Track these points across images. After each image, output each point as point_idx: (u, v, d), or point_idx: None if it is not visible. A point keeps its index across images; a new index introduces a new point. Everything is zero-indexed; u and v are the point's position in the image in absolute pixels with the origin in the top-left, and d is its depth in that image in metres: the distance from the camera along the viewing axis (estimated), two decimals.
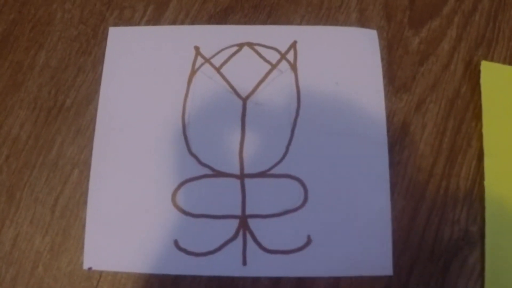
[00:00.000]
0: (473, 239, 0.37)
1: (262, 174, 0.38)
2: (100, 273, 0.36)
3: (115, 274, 0.36)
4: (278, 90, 0.40)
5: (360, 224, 0.36)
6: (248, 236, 0.36)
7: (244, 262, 0.36)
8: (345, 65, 0.40)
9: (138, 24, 0.42)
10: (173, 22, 0.42)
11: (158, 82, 0.40)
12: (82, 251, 0.36)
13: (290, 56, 0.41)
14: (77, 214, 0.37)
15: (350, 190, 0.37)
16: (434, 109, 0.40)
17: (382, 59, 0.41)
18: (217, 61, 0.41)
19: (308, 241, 0.36)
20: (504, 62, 0.41)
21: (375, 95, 0.40)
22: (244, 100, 0.39)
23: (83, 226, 0.37)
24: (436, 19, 0.43)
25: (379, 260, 0.36)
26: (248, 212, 0.37)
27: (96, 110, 0.40)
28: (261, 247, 0.36)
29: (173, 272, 0.36)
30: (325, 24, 0.42)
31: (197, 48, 0.41)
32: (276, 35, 0.41)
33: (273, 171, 0.38)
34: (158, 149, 0.38)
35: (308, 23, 0.42)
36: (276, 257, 0.36)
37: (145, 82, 0.40)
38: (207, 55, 0.41)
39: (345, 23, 0.42)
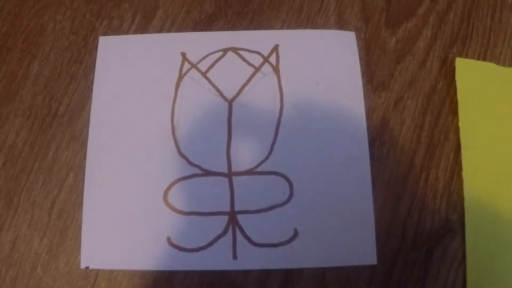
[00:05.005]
0: (453, 227, 0.37)
1: (249, 172, 0.39)
2: (97, 271, 0.37)
3: (111, 272, 0.37)
4: (262, 91, 0.41)
5: (344, 216, 0.37)
6: (238, 231, 0.37)
7: (235, 256, 0.37)
8: (325, 66, 0.42)
9: (126, 32, 0.43)
10: (160, 30, 0.43)
11: (147, 87, 0.41)
12: (79, 251, 0.37)
13: (272, 59, 0.42)
14: (74, 216, 0.38)
15: (333, 184, 0.38)
16: (411, 105, 0.41)
17: (361, 59, 0.42)
18: (203, 66, 0.42)
19: (295, 234, 0.37)
20: (478, 58, 0.42)
21: (354, 93, 0.41)
22: (230, 102, 0.41)
23: (80, 227, 0.37)
24: (412, 19, 0.44)
25: (364, 250, 0.37)
26: (236, 208, 0.38)
27: (88, 116, 0.40)
28: (250, 241, 0.37)
29: (166, 268, 0.36)
30: (305, 27, 0.43)
31: (183, 54, 0.42)
32: (258, 39, 0.43)
33: (259, 169, 0.39)
34: (149, 151, 0.39)
35: (289, 27, 0.43)
36: (264, 250, 0.37)
37: (135, 88, 0.41)
38: (194, 61, 0.42)
39: (324, 26, 0.43)
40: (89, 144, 0.40)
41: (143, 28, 0.44)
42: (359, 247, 0.37)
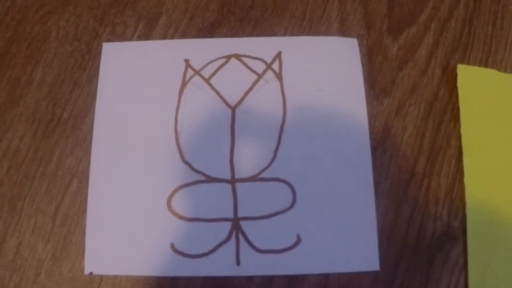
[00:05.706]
0: (455, 233, 0.38)
1: (252, 178, 0.39)
2: (101, 277, 0.37)
3: (115, 277, 0.37)
4: (264, 98, 0.41)
5: (346, 222, 0.38)
6: (241, 238, 0.37)
7: (238, 262, 0.37)
8: (328, 72, 0.42)
9: (130, 39, 0.43)
10: (164, 36, 0.44)
11: (151, 94, 0.41)
12: (83, 257, 0.37)
13: (275, 66, 0.42)
14: (77, 221, 0.38)
15: (336, 190, 0.38)
16: (413, 111, 0.41)
17: (363, 65, 0.42)
18: (206, 73, 0.42)
19: (298, 241, 0.37)
20: (479, 65, 0.43)
21: (357, 100, 0.41)
22: (233, 109, 0.41)
23: (83, 233, 0.37)
24: (414, 26, 0.44)
25: (366, 256, 0.37)
26: (240, 214, 0.38)
27: (92, 122, 0.40)
28: (253, 247, 0.37)
29: (170, 274, 0.37)
30: (307, 34, 0.44)
31: (187, 61, 0.42)
32: (261, 46, 0.43)
33: (262, 175, 0.39)
34: (153, 158, 0.39)
35: (292, 34, 0.44)
36: (268, 257, 0.37)
37: (138, 94, 0.41)
38: (197, 67, 0.42)
39: (327, 33, 0.44)
40: (93, 150, 0.40)
41: (146, 35, 0.44)
42: (362, 253, 0.37)
